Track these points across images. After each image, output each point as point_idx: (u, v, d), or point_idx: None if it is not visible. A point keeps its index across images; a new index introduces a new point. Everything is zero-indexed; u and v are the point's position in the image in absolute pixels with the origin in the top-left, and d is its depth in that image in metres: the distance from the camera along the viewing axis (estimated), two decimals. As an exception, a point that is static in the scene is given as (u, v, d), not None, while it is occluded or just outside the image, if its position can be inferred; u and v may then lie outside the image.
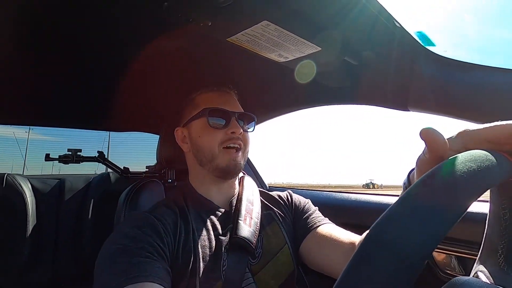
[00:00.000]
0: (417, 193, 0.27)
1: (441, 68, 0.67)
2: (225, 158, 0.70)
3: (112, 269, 0.51)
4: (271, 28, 0.58)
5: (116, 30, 0.72)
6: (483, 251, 0.46)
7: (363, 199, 1.05)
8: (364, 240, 0.26)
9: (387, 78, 0.75)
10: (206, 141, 0.71)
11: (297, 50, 0.66)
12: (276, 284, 0.66)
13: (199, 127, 0.73)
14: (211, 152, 0.70)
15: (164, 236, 0.59)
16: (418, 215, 0.25)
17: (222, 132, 0.70)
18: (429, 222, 0.25)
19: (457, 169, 0.28)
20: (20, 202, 1.22)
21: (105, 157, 1.04)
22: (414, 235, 0.24)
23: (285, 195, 0.82)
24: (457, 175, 0.28)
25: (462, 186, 0.27)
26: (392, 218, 0.26)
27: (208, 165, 0.71)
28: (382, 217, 0.26)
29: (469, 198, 0.26)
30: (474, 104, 0.64)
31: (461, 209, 0.25)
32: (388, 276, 0.23)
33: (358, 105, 0.85)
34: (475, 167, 0.28)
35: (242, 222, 0.67)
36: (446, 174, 0.28)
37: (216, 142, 0.70)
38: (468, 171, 0.28)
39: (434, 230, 0.24)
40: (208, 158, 0.70)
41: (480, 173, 0.28)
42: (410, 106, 0.74)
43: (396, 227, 0.25)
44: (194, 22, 0.56)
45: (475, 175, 0.28)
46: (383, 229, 0.26)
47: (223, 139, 0.70)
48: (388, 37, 0.68)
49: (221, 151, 0.70)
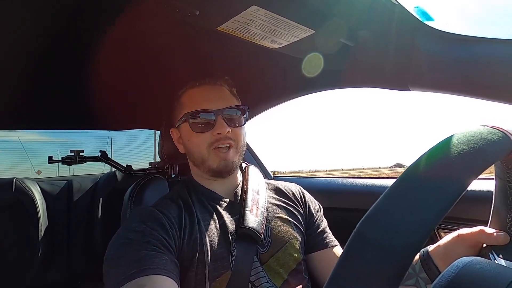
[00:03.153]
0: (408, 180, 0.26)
1: (441, 44, 0.65)
2: (216, 159, 0.69)
3: (120, 263, 0.52)
4: (260, 13, 0.56)
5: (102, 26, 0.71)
6: (491, 225, 0.45)
7: (358, 183, 1.06)
8: (353, 236, 0.25)
9: (385, 57, 0.72)
10: (194, 145, 0.71)
11: (290, 35, 0.64)
12: (285, 272, 0.66)
13: (186, 130, 0.72)
14: (200, 155, 0.70)
15: (169, 229, 0.60)
16: (409, 202, 0.24)
17: (209, 134, 0.68)
18: (421, 209, 0.24)
19: (453, 150, 0.27)
20: (30, 205, 1.25)
21: (107, 156, 1.05)
22: (405, 225, 0.23)
23: (297, 190, 0.82)
24: (451, 158, 0.26)
25: (455, 171, 0.26)
26: (378, 212, 0.25)
27: (201, 167, 0.72)
28: (370, 210, 0.26)
29: (464, 182, 0.25)
30: (478, 78, 0.61)
31: (459, 190, 0.24)
32: (378, 271, 0.22)
33: (357, 88, 0.83)
34: (468, 148, 0.27)
35: (249, 212, 0.67)
36: (439, 159, 0.27)
37: (204, 145, 0.69)
38: (461, 154, 0.26)
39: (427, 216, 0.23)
40: (199, 161, 0.71)
41: (476, 152, 0.27)
42: (410, 86, 0.72)
43: (384, 221, 0.24)
44: (181, 12, 0.54)
45: (468, 158, 0.26)
46: (371, 223, 0.25)
47: (210, 141, 0.68)
48: (384, 14, 0.65)
49: (210, 152, 0.69)
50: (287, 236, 0.70)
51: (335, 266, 0.24)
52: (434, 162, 0.26)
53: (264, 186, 0.78)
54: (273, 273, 0.65)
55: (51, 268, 1.29)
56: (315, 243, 0.75)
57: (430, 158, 0.27)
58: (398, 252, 0.22)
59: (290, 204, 0.77)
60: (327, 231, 0.78)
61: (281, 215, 0.73)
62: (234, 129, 0.70)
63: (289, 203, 0.77)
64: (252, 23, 0.59)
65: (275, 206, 0.75)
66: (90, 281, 1.35)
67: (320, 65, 0.79)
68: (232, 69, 0.95)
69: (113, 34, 0.73)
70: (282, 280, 0.65)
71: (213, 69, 0.93)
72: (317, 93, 0.99)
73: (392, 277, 0.21)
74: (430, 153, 0.27)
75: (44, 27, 0.68)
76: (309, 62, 0.79)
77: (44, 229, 1.26)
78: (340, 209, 1.07)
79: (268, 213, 0.71)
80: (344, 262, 0.24)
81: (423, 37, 0.66)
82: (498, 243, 0.42)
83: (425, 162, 0.26)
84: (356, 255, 0.23)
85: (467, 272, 0.24)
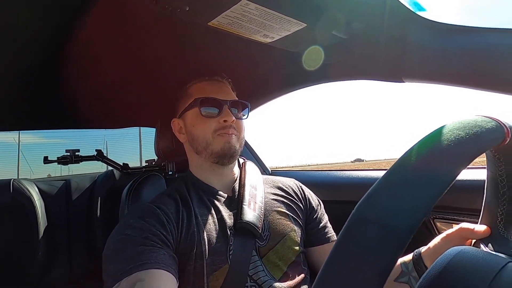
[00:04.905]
0: (403, 166, 0.27)
1: (434, 34, 0.64)
2: (220, 142, 0.71)
3: (118, 258, 0.53)
4: (251, 7, 0.55)
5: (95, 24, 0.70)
6: (483, 218, 0.46)
7: (355, 175, 1.07)
8: (352, 216, 0.26)
9: (378, 49, 0.72)
10: (200, 129, 0.72)
11: (282, 29, 0.63)
12: (284, 264, 0.67)
13: (192, 117, 0.74)
14: (205, 139, 0.72)
15: (167, 224, 0.61)
16: (404, 186, 0.25)
17: (215, 120, 0.72)
18: (416, 193, 0.24)
19: (445, 138, 0.27)
20: (29, 206, 1.25)
21: (103, 155, 1.04)
22: (401, 206, 0.23)
23: (295, 185, 0.82)
24: (445, 144, 0.26)
25: (449, 155, 0.26)
26: (378, 192, 0.26)
27: (204, 153, 0.73)
28: (368, 192, 0.26)
29: (457, 167, 0.25)
30: (473, 69, 0.61)
31: (449, 179, 0.24)
32: (375, 249, 0.22)
33: (350, 81, 0.83)
34: (463, 134, 0.27)
35: (247, 206, 0.68)
36: (433, 145, 0.27)
37: (209, 130, 0.71)
38: (455, 139, 0.27)
39: (420, 201, 0.23)
40: (203, 145, 0.72)
41: (469, 140, 0.27)
42: (404, 77, 0.72)
43: (382, 200, 0.25)
44: (170, 8, 0.54)
45: (462, 143, 0.27)
46: (369, 203, 0.25)
47: (216, 127, 0.71)
48: (377, 5, 0.64)
49: (215, 137, 0.71)
50: (286, 229, 0.71)
51: (335, 243, 0.25)
52: (431, 146, 0.27)
53: (262, 181, 0.79)
54: (272, 266, 0.66)
55: (52, 269, 1.30)
56: (317, 238, 0.76)
57: (426, 143, 0.27)
58: (398, 230, 0.22)
59: (289, 198, 0.78)
60: (328, 226, 0.79)
61: (279, 209, 0.74)
62: (238, 121, 0.74)
63: (287, 197, 0.78)
64: (243, 17, 0.58)
65: (273, 200, 0.75)
66: (92, 280, 1.36)
67: (317, 58, 0.78)
68: (227, 64, 0.94)
69: (106, 32, 0.73)
70: (281, 273, 0.66)
71: (207, 64, 0.93)
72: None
73: (392, 252, 0.22)
74: (427, 139, 0.28)
75: (40, 26, 0.67)
76: (305, 55, 0.79)
77: (44, 229, 1.27)
78: (338, 202, 1.07)
79: (266, 207, 0.72)
80: (344, 238, 0.24)
81: (416, 28, 0.65)
82: (481, 235, 0.43)
83: (422, 146, 0.27)
84: (356, 233, 0.24)
85: (459, 260, 0.24)
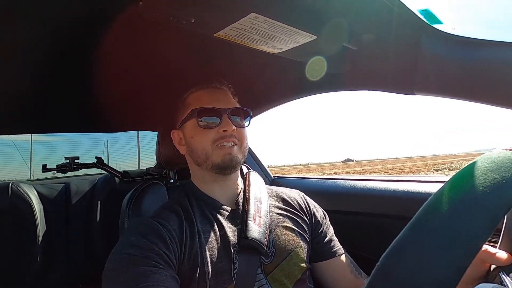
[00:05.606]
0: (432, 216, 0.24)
1: (449, 47, 0.62)
2: (220, 153, 0.68)
3: (119, 279, 0.51)
4: (260, 20, 0.53)
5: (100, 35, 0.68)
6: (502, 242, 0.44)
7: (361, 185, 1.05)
8: (376, 272, 0.23)
9: (390, 61, 0.69)
10: (198, 141, 0.69)
11: (291, 40, 0.61)
12: (290, 283, 0.65)
13: (191, 128, 0.71)
14: (204, 151, 0.69)
15: (170, 243, 0.58)
16: (435, 242, 0.22)
17: (214, 131, 0.68)
18: (450, 252, 0.21)
19: (479, 182, 0.24)
20: (27, 209, 1.23)
21: (103, 162, 1.02)
22: (433, 269, 0.21)
23: (300, 198, 0.80)
24: (479, 191, 0.23)
25: (486, 205, 0.23)
26: (405, 247, 0.23)
27: (204, 165, 0.70)
28: (394, 245, 0.23)
29: (496, 217, 0.22)
30: (487, 84, 0.59)
31: (488, 231, 0.22)
32: None
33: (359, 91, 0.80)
34: (499, 178, 0.23)
35: (252, 222, 0.65)
36: (466, 191, 0.24)
37: (208, 142, 0.68)
38: (491, 184, 0.23)
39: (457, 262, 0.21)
40: (203, 158, 0.69)
41: (507, 185, 0.24)
42: (416, 90, 0.69)
43: (411, 258, 0.22)
44: (175, 20, 0.51)
45: (499, 189, 0.23)
46: (396, 259, 0.22)
47: (215, 138, 0.68)
48: (389, 17, 0.62)
49: (214, 148, 0.68)
50: (292, 245, 0.68)
51: None
52: (463, 192, 0.23)
53: (266, 194, 0.76)
54: (278, 284, 0.64)
55: (50, 273, 1.29)
56: (322, 252, 0.74)
57: (457, 187, 0.24)
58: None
59: (294, 213, 0.75)
60: (334, 239, 0.77)
61: (284, 224, 0.71)
62: (239, 129, 0.71)
63: (292, 211, 0.75)
64: (251, 29, 0.56)
65: (278, 214, 0.73)
66: (90, 283, 1.34)
67: (322, 69, 0.76)
68: (232, 71, 0.92)
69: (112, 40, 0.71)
70: None
71: (213, 71, 0.91)
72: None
73: None
74: (457, 181, 0.24)
75: (46, 32, 0.66)
76: (311, 65, 0.76)
77: (42, 233, 1.25)
78: (343, 212, 1.06)
79: (271, 222, 0.70)
80: None
81: (430, 40, 0.63)
82: (502, 263, 0.41)
83: (453, 191, 0.24)
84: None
85: None
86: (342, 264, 0.74)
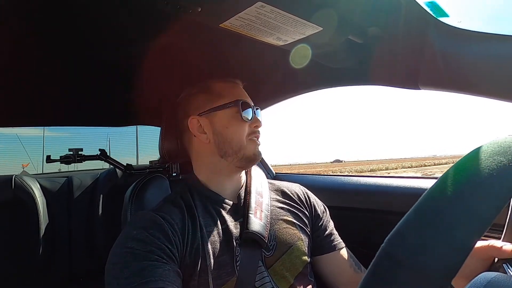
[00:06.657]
0: (437, 199, 0.24)
1: (455, 41, 0.61)
2: (252, 147, 0.70)
3: (122, 274, 0.50)
4: (266, 10, 0.53)
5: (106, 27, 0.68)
6: (505, 238, 0.43)
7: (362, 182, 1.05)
8: (379, 255, 0.23)
9: (395, 55, 0.69)
10: (235, 132, 0.70)
11: (297, 32, 0.61)
12: (291, 276, 0.65)
13: (227, 117, 0.70)
14: (239, 143, 0.69)
15: (172, 237, 0.58)
16: (439, 224, 0.22)
17: (248, 125, 0.71)
18: (454, 232, 0.21)
19: (484, 165, 0.24)
20: (30, 202, 1.24)
21: (107, 154, 1.02)
22: (436, 249, 0.21)
23: (300, 192, 0.80)
24: (485, 174, 0.23)
25: (491, 187, 0.23)
26: (409, 229, 0.23)
27: (232, 156, 0.69)
28: (397, 228, 0.23)
29: (501, 201, 0.22)
30: (494, 78, 0.58)
31: (492, 215, 0.22)
32: None
33: (364, 86, 0.80)
34: (505, 161, 0.23)
35: (253, 215, 0.66)
36: (471, 173, 0.24)
37: (244, 134, 0.70)
38: (497, 167, 0.23)
39: (458, 242, 0.21)
40: (235, 149, 0.69)
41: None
42: (421, 85, 0.69)
43: (414, 240, 0.22)
44: (182, 9, 0.51)
45: (506, 172, 0.23)
46: (399, 241, 0.22)
47: (248, 132, 0.71)
48: (395, 10, 0.62)
49: (248, 142, 0.70)
50: (293, 239, 0.69)
51: (361, 283, 0.22)
52: (468, 175, 0.23)
53: (267, 188, 0.77)
54: (279, 277, 0.64)
55: (52, 266, 1.29)
56: (322, 246, 0.74)
57: (462, 170, 0.24)
58: (434, 275, 0.19)
59: (295, 206, 0.76)
60: (334, 233, 0.77)
61: (285, 217, 0.72)
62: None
63: (293, 205, 0.76)
64: (257, 20, 0.56)
65: (279, 208, 0.73)
66: (92, 278, 1.35)
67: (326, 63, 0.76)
68: (240, 64, 0.92)
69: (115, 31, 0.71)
70: (288, 285, 0.64)
71: (219, 65, 0.91)
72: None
73: None
74: (462, 164, 0.24)
75: (47, 26, 0.66)
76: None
77: (45, 226, 1.25)
78: (344, 208, 1.06)
79: (272, 215, 0.70)
80: (373, 280, 0.21)
81: (437, 34, 0.62)
82: (508, 256, 0.42)
83: (458, 174, 0.23)
84: (386, 276, 0.21)
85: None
86: (342, 258, 0.74)
